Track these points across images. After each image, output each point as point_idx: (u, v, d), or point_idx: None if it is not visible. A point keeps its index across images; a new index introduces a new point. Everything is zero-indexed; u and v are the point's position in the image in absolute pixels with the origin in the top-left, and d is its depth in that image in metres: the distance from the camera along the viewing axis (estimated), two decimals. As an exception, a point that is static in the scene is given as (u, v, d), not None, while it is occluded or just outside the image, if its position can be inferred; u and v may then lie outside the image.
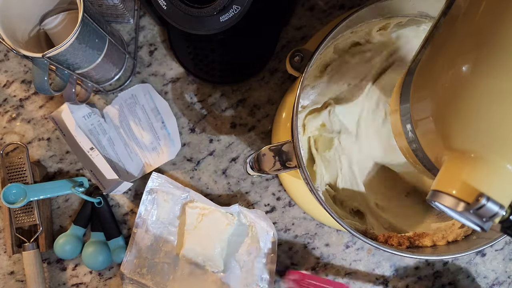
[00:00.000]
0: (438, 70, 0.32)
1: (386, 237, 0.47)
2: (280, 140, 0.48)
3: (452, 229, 0.48)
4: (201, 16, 0.46)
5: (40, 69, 0.47)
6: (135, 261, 0.60)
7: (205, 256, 0.59)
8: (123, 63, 0.60)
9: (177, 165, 0.62)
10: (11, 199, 0.58)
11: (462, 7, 0.31)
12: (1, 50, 0.63)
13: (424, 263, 0.62)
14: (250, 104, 0.62)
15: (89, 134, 0.61)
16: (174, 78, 0.62)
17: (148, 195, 0.60)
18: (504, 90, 0.27)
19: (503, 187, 0.28)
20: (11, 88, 0.63)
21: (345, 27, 0.46)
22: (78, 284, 0.62)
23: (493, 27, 0.28)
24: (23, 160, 0.59)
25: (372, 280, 0.62)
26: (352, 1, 0.62)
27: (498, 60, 0.27)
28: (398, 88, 0.38)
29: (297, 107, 0.43)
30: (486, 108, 0.28)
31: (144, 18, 0.62)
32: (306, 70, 0.44)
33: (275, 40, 0.61)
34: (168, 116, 0.62)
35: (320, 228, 0.62)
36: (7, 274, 0.62)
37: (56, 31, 0.53)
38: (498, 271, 0.62)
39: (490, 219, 0.27)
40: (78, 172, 0.62)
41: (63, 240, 0.60)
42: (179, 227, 0.61)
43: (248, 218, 0.60)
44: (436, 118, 0.31)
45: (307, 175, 0.43)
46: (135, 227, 0.60)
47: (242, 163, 0.62)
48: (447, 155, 0.30)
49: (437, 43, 0.33)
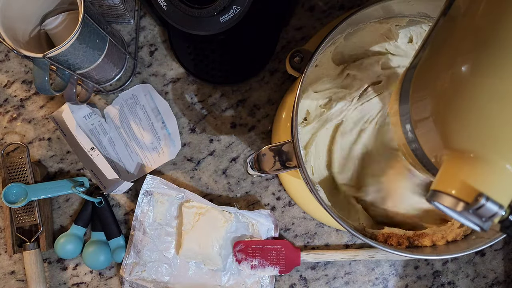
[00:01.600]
0: (437, 70, 0.32)
1: (386, 237, 0.47)
2: (280, 140, 0.48)
3: (452, 229, 0.48)
4: (201, 16, 0.46)
5: (40, 69, 0.47)
6: (134, 263, 0.60)
7: (204, 255, 0.59)
8: (123, 63, 0.61)
9: (178, 165, 0.62)
10: (12, 199, 0.58)
11: (462, 8, 0.31)
12: (2, 51, 0.63)
13: (423, 262, 0.62)
14: (250, 104, 0.62)
15: (90, 134, 0.61)
16: (175, 78, 0.62)
17: (143, 197, 0.60)
18: (504, 90, 0.27)
19: (502, 187, 0.28)
20: (11, 88, 0.63)
21: (345, 27, 0.46)
22: (79, 283, 0.62)
23: (492, 27, 0.28)
24: (24, 160, 0.59)
25: (372, 280, 0.62)
26: (352, 1, 0.62)
27: (497, 60, 0.27)
28: (397, 88, 0.38)
29: (297, 107, 0.43)
30: (485, 108, 0.28)
31: (144, 19, 0.63)
32: (306, 70, 0.44)
33: (275, 40, 0.61)
34: (169, 116, 0.62)
35: (320, 227, 0.62)
36: (8, 273, 0.62)
37: (56, 32, 0.53)
38: (497, 271, 0.63)
39: (490, 219, 0.27)
40: (79, 172, 0.63)
41: (63, 239, 0.60)
42: (176, 228, 0.61)
43: (246, 217, 0.60)
44: (435, 118, 0.31)
45: (307, 175, 0.43)
46: (132, 229, 0.60)
47: (242, 163, 0.62)
48: (447, 155, 0.31)
49: (437, 43, 0.33)
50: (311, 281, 0.62)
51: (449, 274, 0.62)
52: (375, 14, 0.48)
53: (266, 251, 0.60)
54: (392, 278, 0.62)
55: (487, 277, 0.62)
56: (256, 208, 0.62)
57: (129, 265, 0.60)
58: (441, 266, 0.62)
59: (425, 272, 0.62)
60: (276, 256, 0.60)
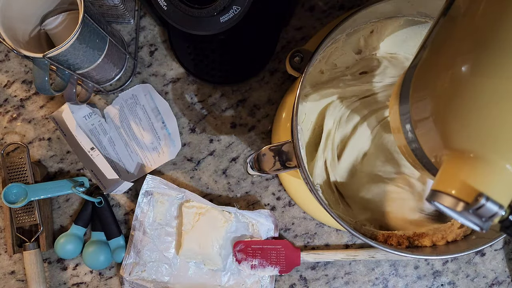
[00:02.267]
0: (437, 70, 0.32)
1: (386, 237, 0.47)
2: (280, 140, 0.48)
3: (452, 229, 0.48)
4: (201, 16, 0.46)
5: (40, 70, 0.47)
6: (134, 263, 0.60)
7: (204, 255, 0.59)
8: (123, 63, 0.61)
9: (178, 165, 0.62)
10: (12, 199, 0.58)
11: (462, 8, 0.31)
12: (2, 51, 0.63)
13: (423, 262, 0.62)
14: (250, 104, 0.62)
15: (90, 134, 0.61)
16: (175, 78, 0.62)
17: (143, 197, 0.60)
18: (504, 90, 0.27)
19: (502, 187, 0.28)
20: (12, 88, 0.63)
21: (345, 27, 0.46)
22: (79, 283, 0.62)
23: (492, 27, 0.28)
24: (24, 160, 0.59)
25: (372, 280, 0.62)
26: (352, 1, 0.62)
27: (497, 60, 0.27)
28: (397, 88, 0.38)
29: (297, 107, 0.43)
30: (485, 108, 0.28)
31: (144, 19, 0.63)
32: (306, 70, 0.44)
33: (275, 40, 0.61)
34: (169, 116, 0.62)
35: (320, 227, 0.62)
36: (8, 273, 0.62)
37: (56, 32, 0.53)
38: (497, 271, 0.63)
39: (490, 218, 0.27)
40: (79, 172, 0.63)
41: (63, 239, 0.60)
42: (176, 228, 0.61)
43: (246, 217, 0.60)
44: (435, 118, 0.31)
45: (307, 175, 0.43)
46: (132, 229, 0.60)
47: (242, 163, 0.62)
48: (447, 155, 0.31)
49: (437, 43, 0.33)
50: (311, 281, 0.62)
51: (449, 274, 0.62)
52: (375, 14, 0.48)
53: (266, 251, 0.60)
54: (392, 278, 0.62)
55: (487, 277, 0.62)
56: (256, 208, 0.62)
57: (129, 265, 0.60)
58: (441, 266, 0.62)
59: (425, 272, 0.62)
60: (276, 256, 0.60)
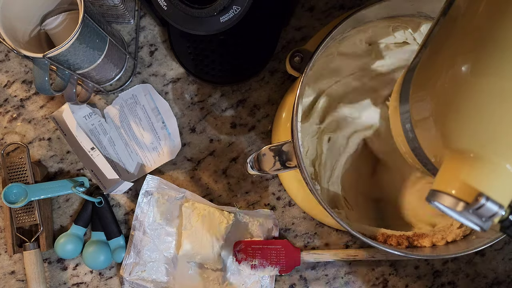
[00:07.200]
0: (437, 70, 0.32)
1: (386, 237, 0.47)
2: (280, 140, 0.48)
3: (451, 229, 0.48)
4: (201, 16, 0.46)
5: (41, 70, 0.47)
6: (134, 263, 0.60)
7: (203, 255, 0.59)
8: (123, 63, 0.61)
9: (178, 165, 0.62)
10: (12, 199, 0.58)
11: (462, 7, 0.31)
12: (2, 51, 0.63)
13: (423, 262, 0.62)
14: (250, 104, 0.62)
15: (90, 134, 0.61)
16: (175, 78, 0.62)
17: (143, 197, 0.60)
18: (504, 89, 0.27)
19: (502, 186, 0.28)
20: (12, 88, 0.63)
21: (344, 27, 0.46)
22: (79, 283, 0.62)
23: (492, 27, 0.28)
24: (24, 160, 0.59)
25: (372, 280, 0.62)
26: (352, 1, 0.62)
27: (497, 60, 0.28)
28: (397, 87, 0.38)
29: (297, 107, 0.43)
30: (485, 108, 0.28)
31: (144, 19, 0.63)
32: (306, 70, 0.44)
33: (275, 41, 0.61)
34: (169, 116, 0.62)
35: (320, 227, 0.62)
36: (8, 273, 0.62)
37: (56, 32, 0.53)
38: (497, 271, 0.63)
39: (490, 218, 0.27)
40: (79, 172, 0.63)
41: (63, 239, 0.60)
42: (176, 228, 0.61)
43: (246, 217, 0.60)
44: (435, 118, 0.31)
45: (307, 175, 0.43)
46: (132, 229, 0.60)
47: (242, 163, 0.62)
48: (447, 155, 0.31)
49: (437, 43, 0.33)
50: (311, 281, 0.62)
51: (449, 274, 0.62)
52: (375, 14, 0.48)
53: (266, 251, 0.60)
54: (392, 278, 0.62)
55: (487, 277, 0.62)
56: (256, 208, 0.62)
57: (129, 265, 0.60)
58: (441, 266, 0.62)
59: (425, 272, 0.62)
60: (276, 256, 0.60)
